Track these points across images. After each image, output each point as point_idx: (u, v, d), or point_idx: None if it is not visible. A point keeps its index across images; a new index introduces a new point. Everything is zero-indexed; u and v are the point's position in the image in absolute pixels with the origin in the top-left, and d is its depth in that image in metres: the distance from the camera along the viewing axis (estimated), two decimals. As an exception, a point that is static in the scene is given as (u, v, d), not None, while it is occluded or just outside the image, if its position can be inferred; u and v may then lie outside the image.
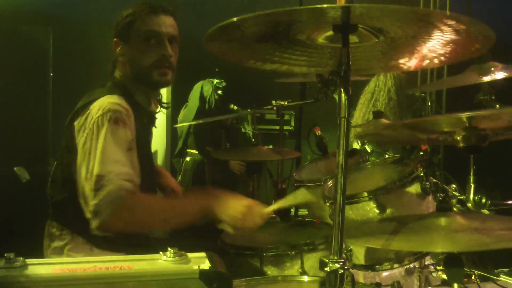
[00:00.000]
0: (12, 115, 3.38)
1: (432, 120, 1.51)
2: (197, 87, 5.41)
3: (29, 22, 5.24)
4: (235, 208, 2.02)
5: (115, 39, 2.26)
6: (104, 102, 2.06)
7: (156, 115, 2.41)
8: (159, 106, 2.38)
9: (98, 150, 1.95)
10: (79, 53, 5.10)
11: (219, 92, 5.33)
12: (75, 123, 2.08)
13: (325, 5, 1.16)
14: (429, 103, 6.12)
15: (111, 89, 2.18)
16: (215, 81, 5.35)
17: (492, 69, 2.25)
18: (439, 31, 1.29)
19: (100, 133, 1.98)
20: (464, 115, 1.35)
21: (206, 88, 5.37)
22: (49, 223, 2.17)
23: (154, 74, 2.21)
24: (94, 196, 1.89)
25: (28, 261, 1.29)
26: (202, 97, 5.33)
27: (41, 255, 2.19)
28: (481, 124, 1.41)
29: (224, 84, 5.35)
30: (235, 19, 1.18)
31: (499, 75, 2.19)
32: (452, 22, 1.24)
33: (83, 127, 2.04)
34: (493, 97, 2.13)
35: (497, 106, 2.14)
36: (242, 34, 1.33)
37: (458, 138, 1.45)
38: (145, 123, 2.31)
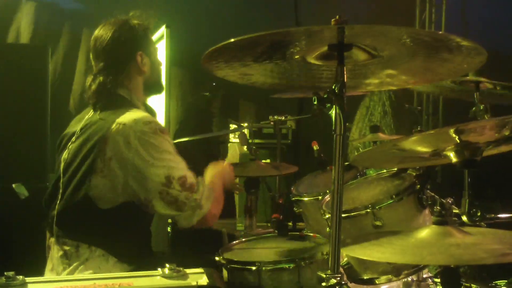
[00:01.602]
0: (10, 131, 3.37)
1: (421, 138, 1.51)
2: (192, 102, 5.43)
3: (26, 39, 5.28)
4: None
5: (139, 52, 2.25)
6: (139, 116, 2.10)
7: None
8: None
9: (165, 157, 2.08)
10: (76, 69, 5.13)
11: (214, 106, 5.34)
12: (109, 140, 2.04)
13: (321, 26, 1.19)
14: (425, 117, 6.16)
15: (127, 106, 2.17)
16: (209, 95, 5.36)
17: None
18: (432, 50, 1.32)
19: (156, 142, 2.07)
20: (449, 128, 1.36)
21: (200, 102, 5.38)
22: (60, 241, 2.12)
23: (161, 78, 2.42)
24: (190, 194, 2.06)
25: (28, 279, 1.30)
26: (197, 112, 5.35)
27: (40, 273, 2.17)
28: (470, 137, 1.42)
29: (218, 97, 5.36)
30: (232, 40, 1.21)
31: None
32: (444, 41, 1.27)
33: (124, 143, 2.03)
34: (482, 108, 2.15)
35: (486, 117, 2.16)
36: (239, 53, 1.36)
37: (451, 154, 1.46)
38: None
